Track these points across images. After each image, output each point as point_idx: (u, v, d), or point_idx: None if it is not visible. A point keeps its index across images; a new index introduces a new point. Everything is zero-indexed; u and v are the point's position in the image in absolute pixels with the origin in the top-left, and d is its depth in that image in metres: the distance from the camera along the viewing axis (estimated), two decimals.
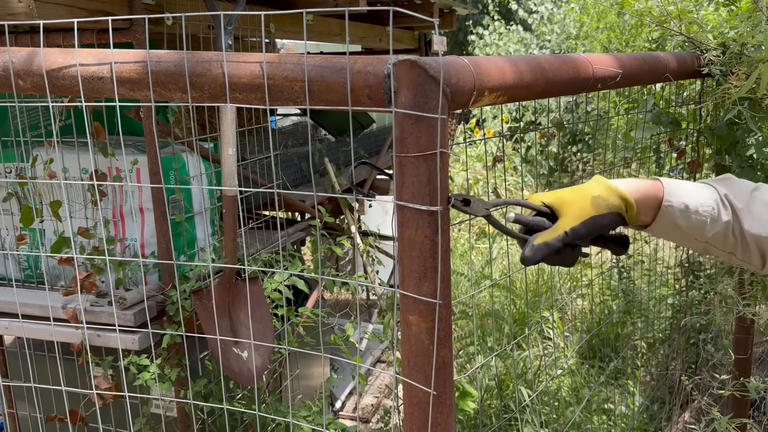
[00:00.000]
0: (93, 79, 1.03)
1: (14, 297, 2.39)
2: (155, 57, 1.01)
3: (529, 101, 1.99)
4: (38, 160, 2.44)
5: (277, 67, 0.94)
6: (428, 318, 0.91)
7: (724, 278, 2.39)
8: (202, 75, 0.98)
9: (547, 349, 3.50)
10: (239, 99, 0.98)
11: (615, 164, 3.85)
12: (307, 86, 0.91)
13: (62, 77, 1.03)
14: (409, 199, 0.88)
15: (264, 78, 0.95)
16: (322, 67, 0.91)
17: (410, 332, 0.95)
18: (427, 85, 0.85)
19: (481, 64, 0.93)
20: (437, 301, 0.91)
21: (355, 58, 0.92)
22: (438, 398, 0.94)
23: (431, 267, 0.90)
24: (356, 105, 0.90)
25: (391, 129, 2.41)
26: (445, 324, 0.94)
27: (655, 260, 3.38)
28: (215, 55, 0.99)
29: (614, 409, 3.05)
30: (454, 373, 1.04)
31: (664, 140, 2.46)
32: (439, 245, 0.90)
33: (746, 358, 2.55)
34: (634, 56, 1.54)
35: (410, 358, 0.96)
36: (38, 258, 2.59)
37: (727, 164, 2.11)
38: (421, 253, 0.90)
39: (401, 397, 2.69)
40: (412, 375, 0.95)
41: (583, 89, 1.26)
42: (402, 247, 0.92)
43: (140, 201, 2.44)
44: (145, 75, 1.00)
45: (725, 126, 1.97)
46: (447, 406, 0.97)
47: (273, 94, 0.96)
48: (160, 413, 2.45)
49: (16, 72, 1.07)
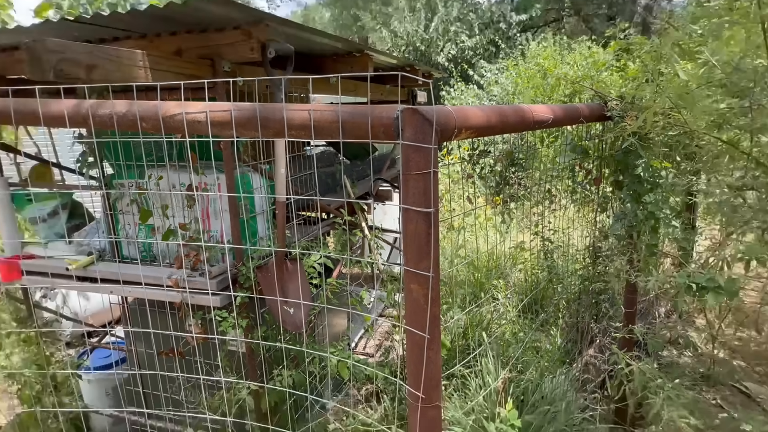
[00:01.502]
0: (194, 122, 1.02)
1: (136, 270, 2.39)
2: (237, 107, 1.00)
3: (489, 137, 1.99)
4: (152, 178, 2.46)
5: (321, 114, 0.94)
6: (425, 286, 0.91)
7: (619, 257, 2.39)
8: (269, 119, 0.98)
9: (497, 307, 3.50)
10: (294, 135, 0.97)
11: (540, 180, 3.85)
12: (340, 126, 0.91)
13: (173, 120, 1.03)
14: (411, 203, 0.88)
15: (311, 121, 0.94)
16: (352, 113, 0.91)
17: (412, 296, 0.95)
18: (424, 125, 0.85)
19: (461, 111, 0.93)
20: (430, 275, 0.91)
21: (373, 106, 0.92)
22: (430, 341, 0.94)
23: (426, 251, 0.90)
24: (374, 138, 0.90)
25: (388, 155, 2.33)
26: (435, 291, 0.94)
27: (569, 245, 3.38)
28: (278, 106, 0.99)
29: (542, 347, 3.05)
30: (440, 325, 1.04)
31: (578, 163, 2.46)
32: (432, 236, 0.90)
33: (632, 311, 2.56)
34: (561, 106, 1.53)
35: (411, 314, 0.96)
36: (152, 243, 2.60)
37: (621, 180, 2.11)
38: (419, 241, 0.90)
39: (398, 340, 2.67)
40: (413, 325, 0.95)
41: (528, 129, 1.26)
42: (406, 236, 0.92)
43: (220, 205, 2.45)
44: (229, 119, 1.00)
45: (622, 153, 1.97)
46: (436, 346, 0.97)
47: (317, 131, 0.96)
48: (235, 350, 2.47)
49: (141, 117, 1.06)
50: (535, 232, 3.55)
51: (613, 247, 2.46)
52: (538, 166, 3.70)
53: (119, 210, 2.61)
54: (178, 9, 1.78)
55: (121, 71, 1.79)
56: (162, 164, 2.43)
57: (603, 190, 2.41)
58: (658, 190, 1.94)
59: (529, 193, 4.59)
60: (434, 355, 0.98)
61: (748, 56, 1.60)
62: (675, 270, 1.54)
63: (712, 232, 2.97)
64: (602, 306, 3.07)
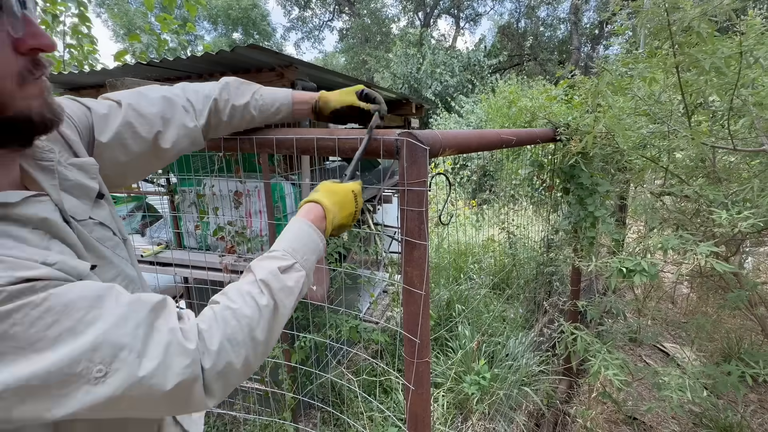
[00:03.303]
0: (242, 142, 1.03)
1: (195, 257, 2.40)
2: (277, 132, 1.01)
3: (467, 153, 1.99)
4: (207, 185, 2.46)
5: (344, 141, 0.95)
6: (418, 268, 0.92)
7: (566, 247, 2.40)
8: (301, 141, 0.99)
9: (473, 285, 3.51)
10: (320, 152, 0.98)
11: (507, 187, 3.85)
12: (360, 146, 0.92)
13: (226, 141, 1.04)
14: (409, 205, 0.89)
15: (336, 143, 0.95)
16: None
17: (407, 276, 0.95)
18: (417, 145, 0.86)
19: (445, 133, 0.94)
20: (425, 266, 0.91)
21: (379, 132, 0.92)
22: (424, 297, 0.94)
23: (421, 238, 0.91)
24: (379, 156, 0.91)
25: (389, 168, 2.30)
26: (426, 272, 0.94)
27: (528, 238, 3.38)
28: (306, 131, 1.00)
29: (507, 316, 3.06)
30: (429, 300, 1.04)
31: (536, 174, 2.46)
32: (425, 229, 0.90)
33: (577, 289, 2.55)
34: (522, 130, 1.54)
35: (411, 277, 0.96)
36: (207, 236, 2.61)
37: (568, 187, 2.11)
38: (414, 234, 0.90)
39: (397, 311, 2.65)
40: (414, 285, 0.95)
41: (497, 147, 1.27)
42: (405, 230, 0.92)
43: (259, 207, 2.45)
44: (270, 141, 1.00)
45: (569, 167, 1.97)
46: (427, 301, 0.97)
47: (340, 150, 0.96)
48: None
49: None
50: (502, 228, 3.55)
51: (562, 239, 2.47)
52: (505, 177, 3.70)
53: (182, 210, 2.62)
54: (227, 55, 1.79)
55: None
56: (215, 175, 2.44)
57: (554, 195, 2.41)
58: (596, 195, 1.94)
59: (497, 197, 4.59)
60: (425, 322, 0.98)
61: (666, 92, 1.60)
62: (609, 257, 1.55)
63: (638, 228, 2.97)
64: (554, 285, 3.07)
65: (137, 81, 1.61)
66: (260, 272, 0.63)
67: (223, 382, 0.55)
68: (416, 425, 0.98)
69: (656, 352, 3.01)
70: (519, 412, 2.25)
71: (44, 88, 0.54)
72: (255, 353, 0.58)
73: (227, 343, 0.55)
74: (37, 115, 0.53)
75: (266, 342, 0.60)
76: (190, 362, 0.51)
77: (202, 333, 0.54)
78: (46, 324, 0.45)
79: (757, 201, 1.32)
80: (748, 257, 2.60)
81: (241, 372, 0.57)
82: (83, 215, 0.62)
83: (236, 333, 0.56)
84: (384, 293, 4.11)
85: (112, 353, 0.47)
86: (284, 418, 2.16)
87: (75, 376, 0.45)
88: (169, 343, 0.51)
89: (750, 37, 1.26)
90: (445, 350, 2.69)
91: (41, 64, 0.53)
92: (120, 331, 0.48)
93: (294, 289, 0.64)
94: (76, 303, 0.48)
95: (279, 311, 0.61)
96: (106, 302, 0.50)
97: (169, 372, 0.49)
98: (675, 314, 3.27)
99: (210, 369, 0.53)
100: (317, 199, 0.74)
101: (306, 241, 0.69)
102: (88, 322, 0.47)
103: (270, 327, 0.60)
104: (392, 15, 19.32)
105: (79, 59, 3.86)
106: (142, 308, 0.52)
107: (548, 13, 16.82)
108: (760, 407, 2.39)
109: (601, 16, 11.75)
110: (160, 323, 0.52)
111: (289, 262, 0.65)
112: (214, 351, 0.54)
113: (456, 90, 12.08)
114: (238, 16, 22.49)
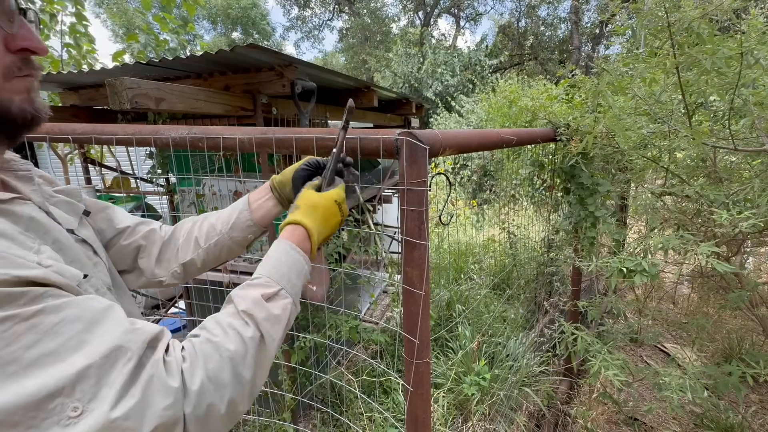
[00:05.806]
0: (241, 142, 1.03)
1: None
2: (277, 132, 1.01)
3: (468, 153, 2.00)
4: (206, 185, 2.45)
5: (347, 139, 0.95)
6: (418, 268, 0.92)
7: (567, 247, 2.40)
8: (300, 141, 0.99)
9: (473, 285, 3.51)
10: (319, 152, 0.98)
11: (507, 187, 3.85)
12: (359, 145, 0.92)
13: (225, 141, 1.04)
14: (410, 204, 0.88)
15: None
16: (365, 138, 0.91)
17: (407, 277, 0.95)
18: (417, 145, 0.85)
19: (445, 133, 0.94)
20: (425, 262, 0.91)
21: (379, 131, 0.92)
22: (424, 297, 0.94)
23: (421, 237, 0.91)
24: (379, 156, 0.91)
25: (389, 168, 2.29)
26: (426, 272, 0.94)
27: (528, 238, 3.38)
28: (307, 130, 1.00)
29: (507, 317, 3.06)
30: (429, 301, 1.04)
31: (536, 174, 2.46)
32: (425, 229, 0.90)
33: (577, 289, 2.56)
34: (522, 130, 1.54)
35: (411, 277, 0.96)
36: None
37: (569, 187, 2.11)
38: (414, 234, 0.90)
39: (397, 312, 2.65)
40: (414, 285, 0.95)
41: (497, 147, 1.27)
42: (405, 230, 0.92)
43: None
44: (270, 140, 1.00)
45: (569, 167, 1.97)
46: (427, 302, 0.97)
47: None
48: None
49: (197, 138, 1.07)
50: (502, 228, 3.55)
51: (562, 239, 2.47)
52: (505, 177, 3.70)
53: (181, 210, 2.62)
54: (227, 55, 1.79)
55: (183, 103, 1.79)
56: (214, 175, 2.43)
57: (555, 195, 2.41)
58: (597, 195, 1.94)
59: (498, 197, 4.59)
60: (424, 322, 0.98)
61: (666, 92, 1.61)
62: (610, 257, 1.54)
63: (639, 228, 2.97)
64: (554, 285, 3.07)
65: (135, 81, 1.61)
66: (242, 303, 0.57)
67: (204, 430, 0.46)
68: (416, 426, 0.98)
69: (657, 353, 3.01)
70: (519, 413, 2.25)
71: (31, 87, 0.54)
72: (241, 394, 0.51)
73: (208, 382, 0.48)
74: (17, 109, 0.53)
75: (253, 381, 0.53)
76: (171, 402, 0.44)
77: (183, 370, 0.47)
78: (26, 343, 0.39)
79: (758, 201, 1.32)
80: (749, 257, 2.60)
81: (225, 417, 0.49)
82: (69, 227, 0.63)
83: (219, 370, 0.49)
84: (384, 293, 4.11)
85: (94, 390, 0.40)
86: (284, 419, 2.16)
87: (44, 412, 0.37)
88: (151, 377, 0.43)
89: (751, 37, 1.26)
90: (445, 351, 2.69)
91: (31, 65, 0.54)
92: (108, 363, 0.41)
93: (281, 318, 0.58)
94: (69, 324, 0.42)
95: (266, 343, 0.55)
96: (104, 326, 0.44)
97: (148, 412, 0.42)
98: (676, 314, 3.27)
99: (190, 414, 0.45)
100: (299, 220, 0.70)
101: (291, 265, 0.64)
102: (73, 347, 0.41)
103: (257, 362, 0.53)
104: (392, 14, 19.34)
105: (77, 59, 3.86)
106: (138, 338, 0.46)
107: (549, 13, 16.83)
108: (762, 408, 2.39)
109: (602, 16, 11.77)
110: (148, 357, 0.46)
111: (273, 289, 0.60)
112: (195, 392, 0.46)
113: (457, 90, 12.08)
114: (238, 16, 22.50)
